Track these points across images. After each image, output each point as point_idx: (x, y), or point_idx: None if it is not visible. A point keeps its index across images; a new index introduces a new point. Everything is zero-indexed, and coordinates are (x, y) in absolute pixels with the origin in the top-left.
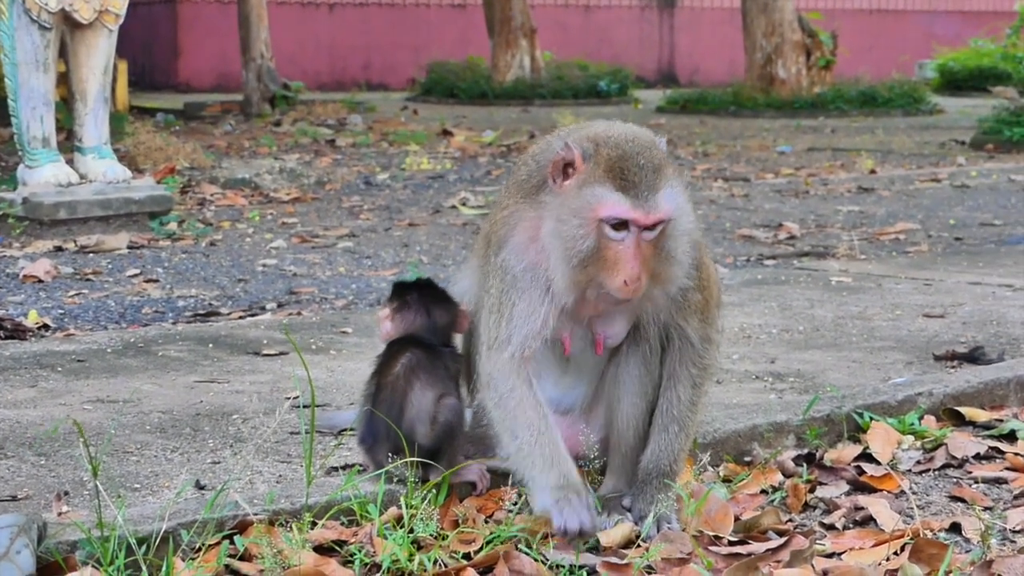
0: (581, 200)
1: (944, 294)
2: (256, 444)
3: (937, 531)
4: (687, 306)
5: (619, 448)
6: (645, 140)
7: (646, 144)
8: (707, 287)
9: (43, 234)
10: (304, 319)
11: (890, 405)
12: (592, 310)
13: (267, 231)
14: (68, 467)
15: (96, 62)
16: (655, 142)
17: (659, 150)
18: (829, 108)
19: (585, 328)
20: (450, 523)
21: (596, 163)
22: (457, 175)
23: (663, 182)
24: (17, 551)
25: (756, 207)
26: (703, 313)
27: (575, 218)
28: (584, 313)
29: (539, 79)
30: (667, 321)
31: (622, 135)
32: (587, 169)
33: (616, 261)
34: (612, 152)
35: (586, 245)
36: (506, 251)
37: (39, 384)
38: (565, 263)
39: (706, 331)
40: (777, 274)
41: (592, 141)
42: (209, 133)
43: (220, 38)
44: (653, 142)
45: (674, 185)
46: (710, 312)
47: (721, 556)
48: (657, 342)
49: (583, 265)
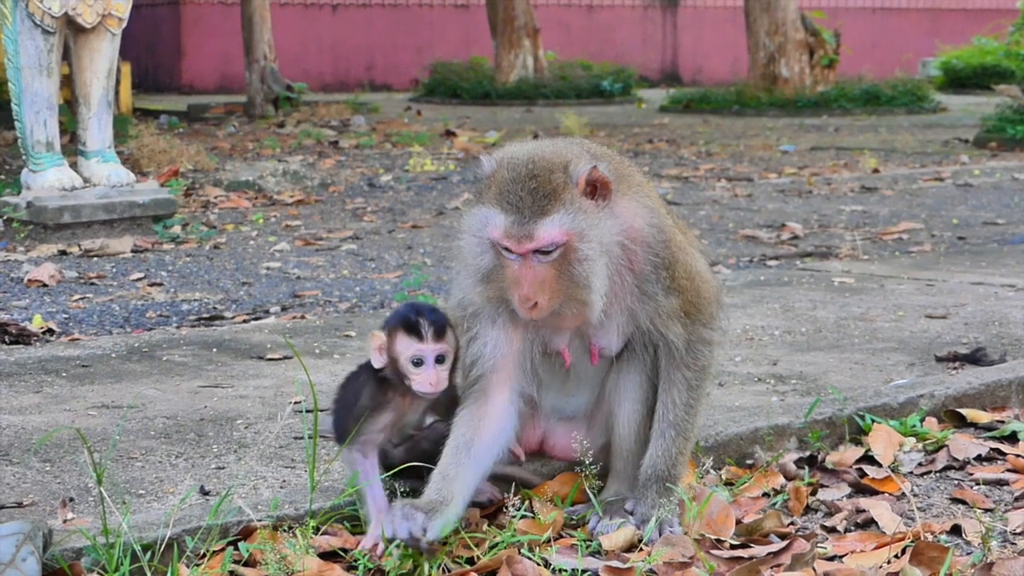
0: (474, 218)
1: (947, 295)
2: (260, 449)
3: (938, 533)
4: (661, 311)
5: (620, 453)
6: (548, 163)
7: (546, 167)
8: (687, 288)
9: (47, 238)
10: (308, 323)
11: (892, 407)
12: (557, 324)
13: (271, 234)
14: (73, 473)
15: (99, 66)
16: (566, 164)
17: (563, 173)
18: (832, 107)
19: (581, 340)
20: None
21: (491, 183)
22: (460, 176)
23: (554, 207)
24: (23, 558)
25: (759, 207)
26: (688, 315)
27: (472, 235)
28: (559, 326)
29: (542, 79)
30: (647, 327)
31: (527, 157)
32: (486, 188)
33: (513, 280)
34: (506, 175)
35: (484, 262)
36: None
37: (44, 390)
38: (471, 276)
39: (698, 332)
40: (780, 275)
41: (499, 160)
42: (213, 135)
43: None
44: (559, 165)
45: (572, 210)
46: (701, 312)
47: (723, 559)
48: (651, 349)
49: (487, 280)
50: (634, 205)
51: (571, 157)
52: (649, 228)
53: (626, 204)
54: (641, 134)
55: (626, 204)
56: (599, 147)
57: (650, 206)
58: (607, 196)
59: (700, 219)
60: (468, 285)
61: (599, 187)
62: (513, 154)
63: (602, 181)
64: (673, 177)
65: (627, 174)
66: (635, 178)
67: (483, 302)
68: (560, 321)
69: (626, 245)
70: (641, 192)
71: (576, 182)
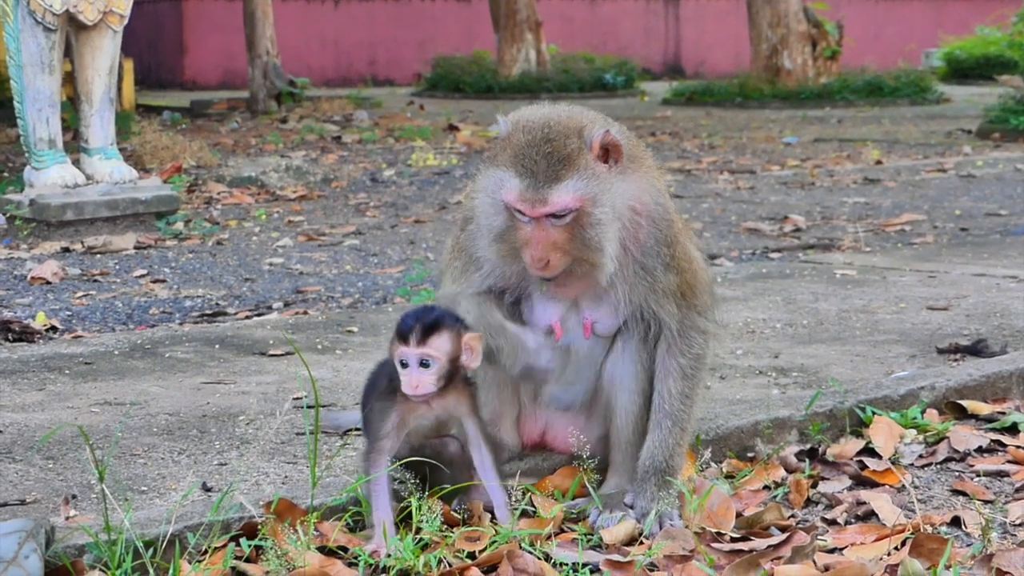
0: (490, 179)
1: (948, 286)
2: (262, 445)
3: (938, 525)
4: (657, 288)
5: (619, 445)
6: (563, 127)
7: (561, 132)
8: (685, 268)
9: (50, 235)
10: (310, 318)
11: (892, 399)
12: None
13: (274, 229)
14: (76, 470)
15: (101, 63)
16: (580, 129)
17: (577, 138)
18: (835, 98)
19: (573, 313)
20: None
21: (507, 145)
22: (463, 171)
23: (568, 172)
24: (25, 556)
25: (762, 199)
26: (683, 297)
27: (486, 196)
28: (559, 294)
29: (545, 72)
30: (641, 303)
31: (541, 120)
32: (501, 150)
33: (526, 240)
34: (522, 137)
35: (497, 222)
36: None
37: (47, 387)
38: (485, 235)
39: (692, 319)
40: (782, 267)
41: (514, 123)
42: (215, 131)
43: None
44: (574, 130)
45: (586, 175)
46: (697, 298)
47: (723, 553)
48: (643, 329)
49: (500, 239)
50: (644, 182)
51: (585, 122)
52: (655, 205)
53: (637, 178)
54: (644, 127)
55: (637, 178)
56: (613, 121)
57: (658, 187)
58: (619, 160)
59: (703, 212)
60: (483, 244)
61: (612, 151)
62: (529, 117)
63: (614, 145)
64: (676, 170)
65: (639, 155)
66: (646, 160)
67: (497, 259)
68: (563, 290)
69: (634, 215)
70: (650, 173)
71: (590, 146)
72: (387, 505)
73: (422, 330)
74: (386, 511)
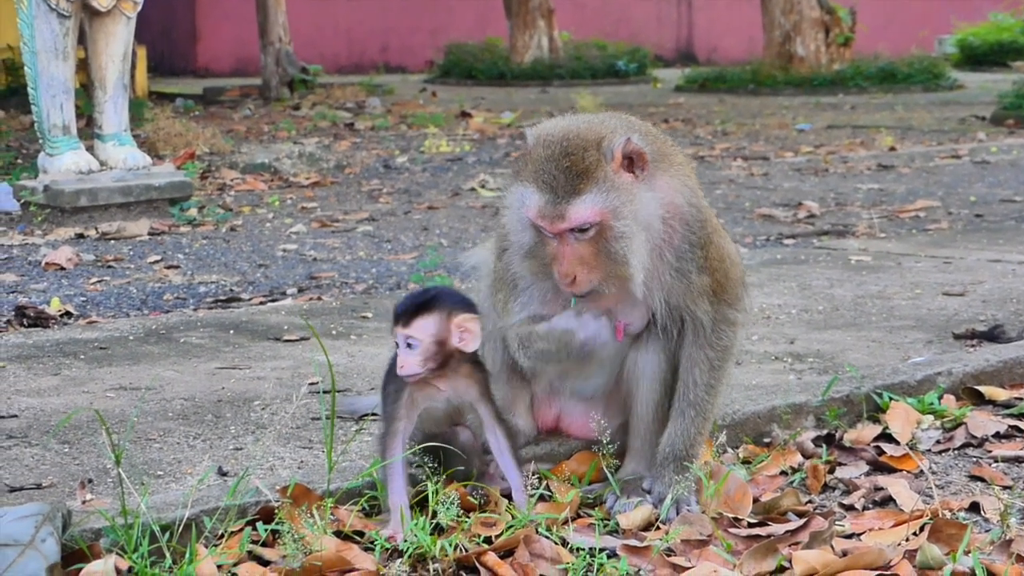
0: (513, 196)
1: (964, 272)
2: (277, 430)
3: (956, 511)
4: (692, 289)
5: (638, 432)
6: (582, 140)
7: (580, 144)
8: (717, 268)
9: (64, 221)
10: (324, 304)
11: (909, 385)
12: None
13: (287, 216)
14: (91, 455)
15: (115, 49)
16: (600, 141)
17: (596, 151)
18: (848, 85)
19: (608, 317)
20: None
21: (529, 160)
22: (476, 157)
23: (587, 186)
24: (42, 539)
25: (775, 186)
26: (715, 295)
27: (513, 213)
28: (598, 305)
29: (557, 59)
30: (677, 304)
31: (561, 133)
32: (524, 165)
33: (553, 257)
34: (542, 152)
35: (525, 238)
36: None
37: (62, 372)
38: (517, 251)
39: (723, 312)
40: (797, 253)
41: (536, 136)
42: (228, 118)
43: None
44: (594, 142)
45: (605, 187)
46: (727, 292)
47: (740, 538)
48: (674, 327)
49: (530, 255)
50: (675, 183)
51: (606, 133)
52: (688, 207)
53: (667, 181)
54: (656, 114)
55: (667, 181)
56: (641, 122)
57: (690, 186)
58: (644, 168)
59: (716, 198)
60: (516, 260)
61: (636, 160)
62: (550, 130)
63: (638, 153)
64: (689, 156)
65: (668, 152)
66: (676, 157)
67: (530, 277)
68: (600, 301)
69: (666, 220)
70: (682, 172)
71: (611, 158)
72: (403, 489)
73: (408, 312)
74: (402, 495)
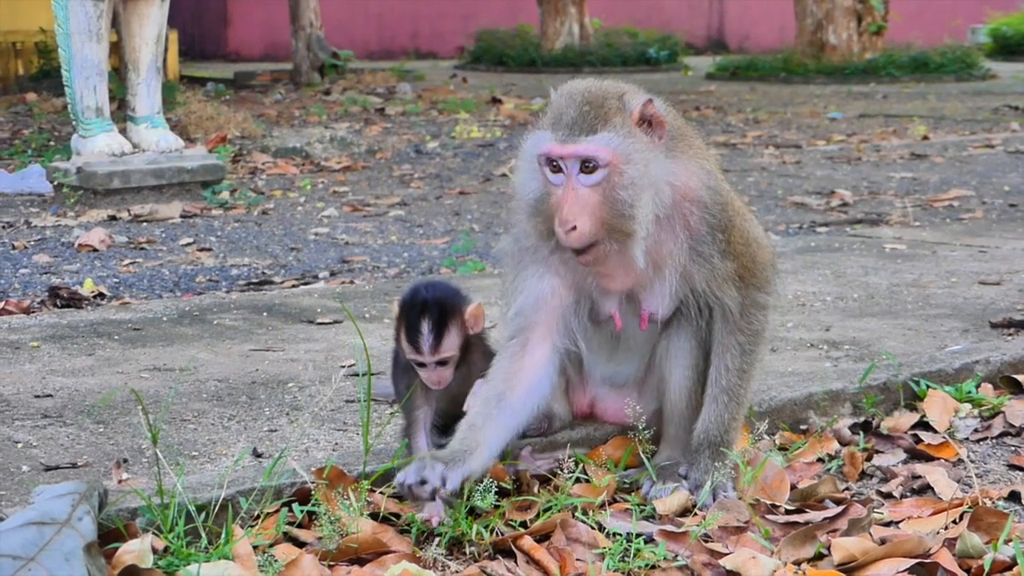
0: (528, 142)
1: (999, 261)
2: (312, 412)
3: (996, 499)
4: (716, 274)
5: (672, 418)
6: (604, 91)
7: (601, 94)
8: (743, 252)
9: (97, 203)
10: (357, 287)
11: (947, 373)
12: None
13: (318, 200)
14: (126, 435)
15: (148, 32)
16: (622, 95)
17: (616, 101)
18: (880, 74)
19: (631, 304)
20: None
21: (548, 111)
22: (507, 143)
23: (603, 127)
24: (79, 518)
25: (808, 174)
26: (742, 279)
27: (524, 160)
28: (608, 287)
29: (588, 46)
30: (703, 290)
31: (584, 86)
32: (543, 116)
33: (558, 205)
34: (559, 100)
35: (533, 187)
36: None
37: (96, 352)
38: (523, 209)
39: (752, 296)
40: (830, 241)
41: (559, 91)
42: (259, 102)
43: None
44: (614, 94)
45: (621, 133)
46: (755, 276)
47: (778, 525)
48: (704, 313)
49: (536, 210)
50: (692, 165)
51: (628, 90)
52: (706, 190)
53: (684, 162)
54: (688, 101)
55: (684, 162)
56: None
57: (708, 169)
58: (661, 135)
59: (749, 186)
60: (522, 219)
61: (654, 123)
62: (573, 85)
63: (656, 117)
64: (721, 144)
65: (686, 134)
66: (694, 141)
67: (536, 237)
68: (609, 281)
69: (679, 201)
70: (699, 155)
71: (629, 111)
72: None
73: (434, 339)
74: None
